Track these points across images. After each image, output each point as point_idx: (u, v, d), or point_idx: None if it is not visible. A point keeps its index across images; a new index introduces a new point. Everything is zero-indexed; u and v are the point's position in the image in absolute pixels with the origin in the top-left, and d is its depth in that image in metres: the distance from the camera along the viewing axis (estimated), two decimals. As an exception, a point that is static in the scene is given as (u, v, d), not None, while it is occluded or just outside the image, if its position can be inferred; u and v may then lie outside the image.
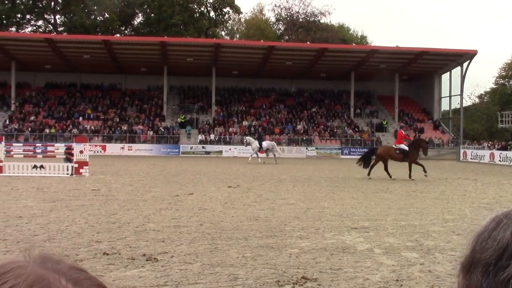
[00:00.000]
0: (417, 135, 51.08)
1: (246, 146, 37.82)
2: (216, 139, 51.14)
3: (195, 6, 77.17)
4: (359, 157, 23.99)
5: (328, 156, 49.87)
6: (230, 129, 53.07)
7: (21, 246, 7.23)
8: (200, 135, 51.57)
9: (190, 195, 14.29)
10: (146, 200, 13.02)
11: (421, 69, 57.29)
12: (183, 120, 53.90)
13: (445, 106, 61.90)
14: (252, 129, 53.35)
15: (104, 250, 7.08)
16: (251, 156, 35.74)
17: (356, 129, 55.39)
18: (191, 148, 49.41)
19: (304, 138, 52.49)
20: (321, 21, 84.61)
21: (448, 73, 57.75)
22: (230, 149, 49.26)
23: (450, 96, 59.21)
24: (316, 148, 50.85)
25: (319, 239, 8.10)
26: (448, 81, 58.60)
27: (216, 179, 20.28)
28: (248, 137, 37.82)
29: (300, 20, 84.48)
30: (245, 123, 54.42)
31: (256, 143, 35.32)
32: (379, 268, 6.36)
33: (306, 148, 50.75)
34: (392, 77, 57.31)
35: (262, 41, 62.59)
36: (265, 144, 35.97)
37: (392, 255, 7.07)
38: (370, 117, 58.26)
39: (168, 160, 37.25)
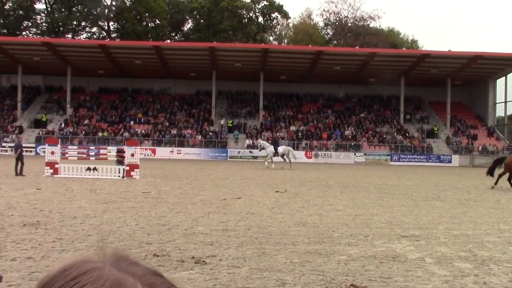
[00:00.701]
0: None
1: (260, 151, 36.71)
2: (263, 144, 51.22)
3: (244, 12, 77.88)
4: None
5: (377, 162, 49.10)
6: (278, 134, 53.09)
7: (76, 246, 7.46)
8: (247, 139, 51.86)
9: (238, 199, 14.37)
10: (194, 203, 13.18)
11: (475, 74, 55.60)
12: (231, 125, 54.39)
13: (499, 112, 59.84)
14: (300, 134, 53.22)
15: (154, 251, 7.21)
16: (266, 161, 34.36)
17: (406, 135, 54.29)
18: (239, 152, 49.75)
19: (352, 144, 51.90)
20: (370, 25, 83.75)
21: (504, 78, 55.79)
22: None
23: (505, 102, 57.16)
24: (365, 154, 50.18)
25: (368, 247, 7.97)
26: (504, 86, 56.61)
27: (263, 183, 20.32)
28: (262, 141, 36.46)
29: (349, 24, 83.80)
30: (292, 128, 54.35)
31: (271, 148, 34.03)
32: (431, 278, 6.20)
33: (354, 154, 50.16)
34: (444, 82, 55.90)
35: (310, 46, 62.44)
36: (280, 149, 34.63)
37: (445, 265, 6.87)
38: (421, 123, 56.99)
39: (216, 164, 37.63)
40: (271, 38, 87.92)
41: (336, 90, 60.97)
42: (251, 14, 79.45)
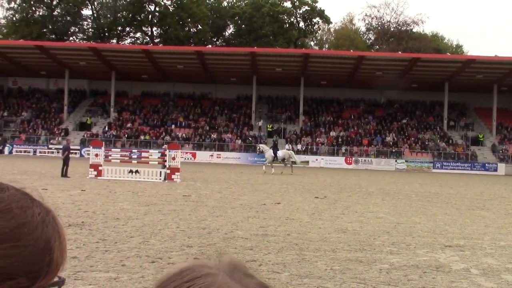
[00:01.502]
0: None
1: (258, 154, 36.01)
2: (303, 149, 51.09)
3: (285, 17, 77.97)
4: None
5: (419, 169, 48.13)
6: (318, 140, 52.82)
7: (119, 247, 7.60)
8: (287, 144, 51.71)
9: (277, 204, 14.36)
10: (234, 207, 13.24)
11: (523, 80, 53.83)
12: (271, 130, 54.45)
13: (549, 119, 57.63)
14: (340, 139, 52.76)
15: (194, 254, 7.27)
16: (265, 165, 32.93)
17: (450, 142, 53.02)
18: (278, 157, 49.65)
19: (394, 150, 51.07)
20: (414, 30, 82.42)
21: (554, 84, 53.82)
22: (317, 160, 49.00)
23: (555, 109, 55.10)
24: (406, 161, 49.28)
25: (410, 256, 7.81)
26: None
27: (303, 189, 20.23)
28: (262, 145, 35.31)
29: (392, 29, 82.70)
30: (332, 133, 53.96)
31: (270, 152, 32.69)
32: (477, 290, 6.02)
33: (396, 161, 49.33)
34: (490, 88, 54.34)
35: (351, 51, 61.88)
36: (280, 153, 33.31)
37: (491, 277, 6.66)
38: (465, 130, 55.54)
39: (255, 169, 37.69)
40: (312, 43, 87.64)
41: (377, 95, 60.19)
42: (292, 19, 79.42)
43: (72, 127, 54.98)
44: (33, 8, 74.04)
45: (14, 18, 74.30)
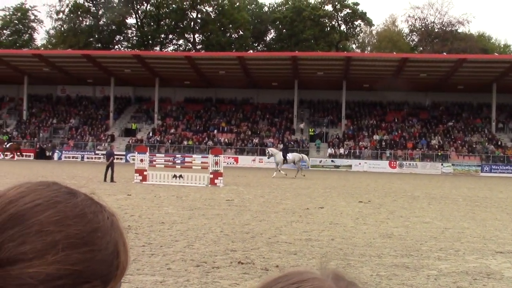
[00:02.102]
0: None
1: (268, 158, 34.46)
2: (346, 153, 50.58)
3: (326, 20, 77.57)
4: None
5: (466, 173, 46.80)
6: (360, 143, 52.18)
7: (164, 250, 7.71)
8: (329, 148, 51.40)
9: (321, 208, 14.25)
10: (277, 212, 13.22)
11: None
12: (312, 134, 54.18)
13: None
14: (383, 143, 51.96)
15: (239, 259, 7.29)
16: (276, 170, 31.41)
17: (499, 144, 51.36)
18: (320, 161, 49.40)
19: (439, 154, 49.87)
20: (459, 30, 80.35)
21: None
22: (360, 164, 48.41)
23: None
24: (453, 165, 48.02)
25: (459, 262, 7.59)
26: None
27: (346, 193, 20.02)
28: (271, 149, 34.16)
29: (436, 30, 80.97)
30: (376, 137, 53.20)
31: (280, 155, 31.39)
32: (531, 298, 5.79)
33: (442, 164, 48.16)
34: (541, 89, 52.38)
35: (394, 53, 60.95)
36: (290, 156, 32.29)
37: (546, 285, 6.39)
38: (515, 132, 53.71)
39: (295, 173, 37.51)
40: (353, 46, 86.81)
41: (422, 98, 58.97)
42: (333, 22, 78.95)
43: (117, 133, 56.27)
44: (80, 19, 76.37)
45: (62, 29, 76.82)
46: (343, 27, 79.82)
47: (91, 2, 75.72)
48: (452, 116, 56.90)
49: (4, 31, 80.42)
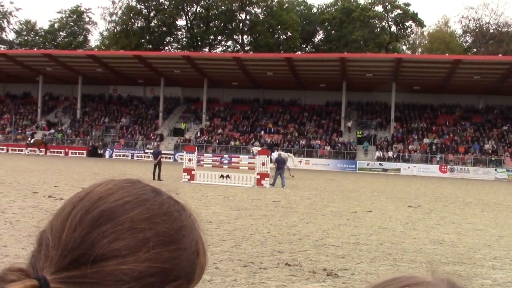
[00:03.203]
0: None
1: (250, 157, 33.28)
2: (394, 156, 49.65)
3: (376, 21, 76.41)
4: None
5: (522, 179, 45.01)
6: (410, 147, 51.08)
7: (212, 250, 7.77)
8: (377, 151, 50.58)
9: (369, 212, 14.03)
10: (324, 214, 13.11)
11: None
12: (360, 136, 53.50)
13: None
14: (434, 147, 50.67)
15: (286, 260, 7.27)
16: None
17: (557, 150, 49.15)
18: (368, 164, 48.69)
19: (493, 159, 48.17)
20: (516, 31, 77.40)
21: None
22: (409, 167, 47.41)
23: None
24: (507, 170, 46.25)
25: (515, 272, 7.30)
26: None
27: (395, 197, 19.64)
28: (255, 148, 32.85)
29: (491, 31, 78.34)
30: (426, 140, 51.95)
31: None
32: None
33: (495, 170, 46.48)
34: None
35: (447, 54, 59.37)
36: (275, 155, 31.62)
37: None
38: None
39: (344, 176, 37.18)
40: (404, 47, 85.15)
41: (475, 101, 57.16)
42: (383, 23, 77.69)
43: (166, 133, 57.30)
44: (132, 20, 78.27)
45: (115, 30, 78.96)
46: (393, 28, 78.44)
47: (143, 4, 77.47)
48: (507, 120, 54.84)
49: (61, 33, 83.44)
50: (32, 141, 48.82)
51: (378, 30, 77.09)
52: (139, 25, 78.87)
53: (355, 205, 15.74)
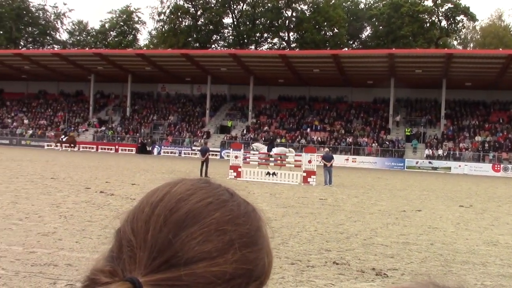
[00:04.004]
0: None
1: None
2: (445, 154, 48.36)
3: (426, 16, 74.51)
4: None
5: None
6: (461, 145, 49.64)
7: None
8: (427, 149, 49.40)
9: (418, 211, 13.74)
10: (372, 213, 12.93)
11: None
12: (409, 134, 52.41)
13: None
14: (486, 145, 49.04)
15: (333, 259, 7.21)
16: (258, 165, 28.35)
17: None
18: (417, 162, 47.64)
19: (550, 158, 46.18)
20: None
21: None
22: (460, 166, 46.08)
23: None
24: None
25: None
26: None
27: (445, 197, 19.13)
28: (256, 144, 31.37)
29: (548, 24, 75.03)
30: (478, 138, 50.33)
31: (264, 150, 28.64)
32: None
33: (552, 169, 44.56)
34: None
35: (500, 49, 57.30)
36: (275, 151, 29.29)
37: None
38: None
39: (392, 174, 36.53)
40: (455, 42, 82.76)
41: (531, 97, 54.95)
42: (433, 18, 75.65)
43: (213, 130, 57.88)
44: (180, 19, 79.40)
45: (163, 29, 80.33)
46: (443, 23, 76.28)
47: (190, 3, 78.47)
48: None
49: (111, 33, 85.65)
50: (64, 139, 50.88)
51: (428, 25, 75.10)
52: (186, 23, 79.92)
53: (403, 204, 15.44)
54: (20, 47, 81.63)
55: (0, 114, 65.34)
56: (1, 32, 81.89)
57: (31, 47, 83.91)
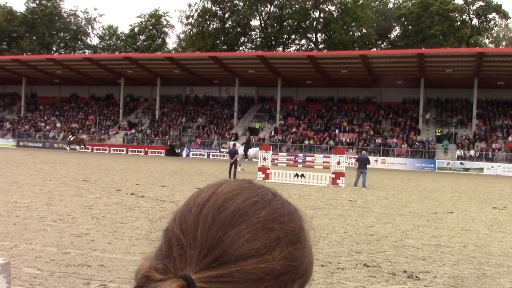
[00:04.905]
0: None
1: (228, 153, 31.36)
2: (477, 155, 47.42)
3: (456, 15, 73.29)
4: None
5: None
6: (493, 145, 48.60)
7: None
8: (458, 150, 48.53)
9: (450, 213, 13.51)
10: (403, 215, 12.77)
11: None
12: (439, 134, 51.58)
13: None
14: None
15: (364, 261, 7.16)
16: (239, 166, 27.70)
17: None
18: (448, 163, 46.83)
19: None
20: None
21: None
22: (492, 167, 45.11)
23: None
24: None
25: None
26: None
27: (478, 198, 18.77)
28: (231, 143, 31.09)
29: None
30: (511, 138, 49.21)
31: (241, 150, 28.02)
32: None
33: None
34: None
35: (534, 47, 55.90)
36: (251, 151, 29.45)
37: None
38: None
39: (422, 175, 36.00)
40: (486, 41, 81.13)
41: None
42: (464, 17, 74.35)
43: (241, 132, 58.03)
44: (208, 22, 80.00)
45: (191, 32, 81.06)
46: (475, 21, 74.88)
47: (218, 6, 78.95)
48: None
49: (140, 37, 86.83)
50: (72, 139, 52.25)
51: (458, 23, 73.87)
52: (214, 26, 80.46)
53: (435, 206, 15.21)
54: (53, 52, 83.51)
55: (33, 118, 66.93)
56: (35, 37, 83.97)
57: (63, 52, 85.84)
